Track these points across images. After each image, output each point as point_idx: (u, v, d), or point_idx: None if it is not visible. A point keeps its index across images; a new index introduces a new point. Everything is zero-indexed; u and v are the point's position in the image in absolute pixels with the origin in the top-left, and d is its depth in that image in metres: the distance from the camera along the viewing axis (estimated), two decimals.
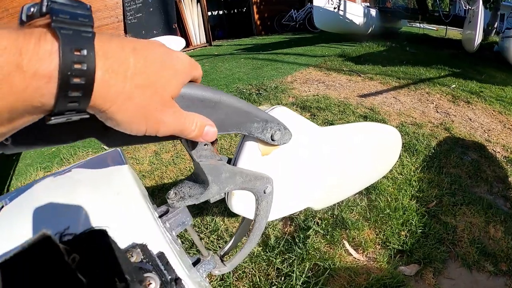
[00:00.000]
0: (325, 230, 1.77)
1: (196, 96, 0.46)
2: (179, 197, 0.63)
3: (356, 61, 5.59)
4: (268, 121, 0.63)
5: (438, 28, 11.25)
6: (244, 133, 0.60)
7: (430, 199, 2.04)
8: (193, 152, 0.57)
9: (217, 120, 0.51)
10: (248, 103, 0.58)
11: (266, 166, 0.73)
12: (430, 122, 3.20)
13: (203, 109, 0.48)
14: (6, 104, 0.24)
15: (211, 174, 0.60)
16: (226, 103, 0.52)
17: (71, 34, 0.26)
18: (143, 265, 0.40)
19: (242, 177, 0.67)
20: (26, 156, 3.69)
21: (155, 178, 2.48)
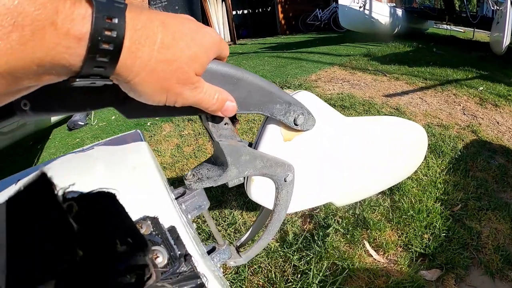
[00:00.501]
0: (346, 229, 1.72)
1: (219, 71, 0.45)
2: (196, 178, 0.61)
3: (382, 61, 5.47)
4: (292, 103, 0.60)
5: (466, 30, 10.89)
6: (266, 114, 0.58)
7: (455, 203, 1.96)
8: (213, 130, 0.54)
9: (238, 98, 0.50)
10: (271, 83, 0.56)
11: (287, 152, 0.70)
12: (456, 124, 3.09)
13: (225, 85, 0.47)
14: (36, 57, 0.25)
15: (231, 156, 0.58)
16: (248, 81, 0.50)
17: (105, 2, 0.27)
18: (152, 237, 0.38)
19: (263, 162, 0.64)
20: (50, 145, 3.80)
21: (176, 170, 2.49)
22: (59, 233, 0.22)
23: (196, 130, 3.19)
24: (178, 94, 0.36)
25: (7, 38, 0.23)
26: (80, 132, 3.99)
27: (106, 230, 0.27)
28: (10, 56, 0.23)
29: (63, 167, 0.52)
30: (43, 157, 3.48)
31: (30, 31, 0.23)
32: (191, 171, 0.62)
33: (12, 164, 3.49)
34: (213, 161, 0.64)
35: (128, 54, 0.29)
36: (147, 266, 0.29)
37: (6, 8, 0.22)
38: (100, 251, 0.24)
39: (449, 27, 10.35)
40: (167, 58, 0.32)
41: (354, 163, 0.86)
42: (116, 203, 0.30)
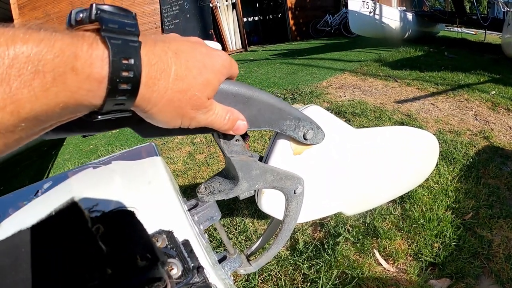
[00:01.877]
0: (356, 237, 1.73)
1: (230, 92, 0.47)
2: (209, 192, 0.63)
3: (393, 66, 5.44)
4: (301, 119, 0.62)
5: (477, 32, 10.75)
6: (276, 131, 0.60)
7: (466, 211, 1.94)
8: (225, 147, 0.57)
9: (249, 116, 0.51)
10: (281, 100, 0.58)
11: (297, 165, 0.72)
12: (468, 130, 3.06)
13: (236, 104, 0.48)
14: (59, 101, 0.26)
15: (242, 170, 0.60)
16: (259, 99, 0.52)
17: (120, 43, 0.28)
18: (167, 250, 0.40)
19: (273, 175, 0.66)
20: (64, 151, 3.87)
21: (188, 177, 2.52)
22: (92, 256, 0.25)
23: (208, 138, 3.23)
24: (192, 118, 0.38)
25: (30, 86, 0.24)
26: (94, 138, 4.06)
27: (127, 247, 0.29)
28: (34, 102, 0.25)
29: (84, 181, 0.55)
30: (58, 163, 3.55)
31: (52, 78, 0.25)
32: (203, 184, 0.64)
33: (27, 169, 3.57)
34: (224, 175, 0.66)
35: (145, 89, 0.31)
36: (163, 278, 0.31)
37: (26, 57, 0.23)
38: (123, 267, 0.27)
39: (460, 30, 10.24)
40: (182, 88, 0.34)
41: (364, 173, 0.87)
42: (135, 220, 0.32)
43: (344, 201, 0.90)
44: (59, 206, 0.26)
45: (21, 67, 0.24)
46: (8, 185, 3.18)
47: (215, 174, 0.68)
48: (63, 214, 0.26)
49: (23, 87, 0.24)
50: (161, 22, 9.32)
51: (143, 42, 0.31)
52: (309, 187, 0.75)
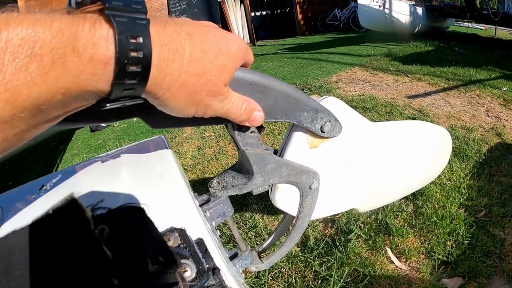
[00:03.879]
0: (368, 235, 1.69)
1: (246, 80, 0.45)
2: (221, 186, 0.60)
3: (403, 61, 5.36)
4: (319, 110, 0.59)
5: (487, 28, 10.57)
6: (293, 122, 0.57)
7: (479, 209, 1.90)
8: (239, 139, 0.54)
9: (265, 106, 0.49)
10: (298, 90, 0.55)
11: (313, 159, 0.69)
12: (480, 126, 3.00)
13: (252, 94, 0.46)
14: (60, 87, 0.24)
15: (256, 164, 0.57)
16: (276, 89, 0.50)
17: (126, 21, 0.26)
18: (180, 250, 0.37)
19: (288, 170, 0.64)
20: (73, 146, 3.89)
21: (197, 172, 2.50)
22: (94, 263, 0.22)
23: (216, 132, 3.21)
24: (208, 106, 0.35)
25: (26, 70, 0.22)
26: (102, 133, 4.07)
27: (137, 249, 0.26)
28: (31, 88, 0.22)
29: (91, 175, 0.53)
30: (66, 158, 3.56)
31: (50, 60, 0.22)
32: (216, 178, 0.61)
33: (35, 164, 3.59)
34: (238, 169, 0.63)
35: (157, 72, 0.28)
36: (177, 283, 0.28)
37: (20, 39, 0.21)
38: (132, 274, 0.24)
39: (470, 25, 10.08)
40: (197, 71, 0.31)
41: (379, 169, 0.84)
42: (145, 218, 0.30)
43: (358, 197, 0.88)
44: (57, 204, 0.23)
45: (15, 51, 0.21)
46: (16, 181, 3.19)
47: (228, 168, 0.65)
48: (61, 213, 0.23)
49: (19, 72, 0.21)
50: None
51: (152, 21, 0.28)
52: (323, 182, 0.73)
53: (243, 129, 0.54)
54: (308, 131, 0.65)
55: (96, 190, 0.46)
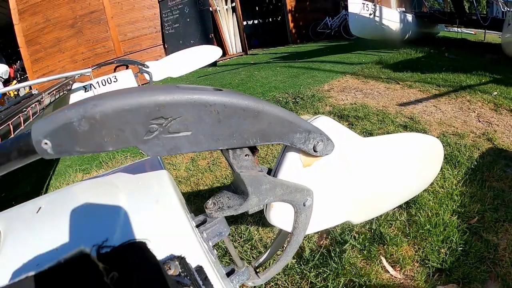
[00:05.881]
0: (362, 244, 1.71)
1: (239, 106, 0.46)
2: (217, 208, 0.61)
3: (394, 68, 5.43)
4: (311, 131, 0.61)
5: (477, 32, 10.73)
6: (286, 144, 0.58)
7: (472, 215, 1.92)
8: (234, 162, 0.55)
9: (259, 130, 0.50)
10: (291, 113, 0.57)
11: (306, 177, 0.71)
12: (472, 132, 3.04)
13: (245, 119, 0.48)
14: None
15: (251, 185, 0.58)
16: (269, 113, 0.51)
17: None
18: (181, 279, 0.38)
19: (283, 189, 0.65)
20: (66, 158, 3.85)
21: (191, 184, 2.50)
22: None
23: None
24: None
25: None
26: None
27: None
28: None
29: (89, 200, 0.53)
30: (59, 170, 3.53)
31: None
32: (211, 199, 0.63)
33: (28, 176, 3.55)
34: (233, 189, 0.64)
35: None
36: None
37: None
38: None
39: (459, 30, 10.23)
40: None
41: (371, 182, 0.86)
42: (147, 254, 0.31)
43: (352, 210, 0.89)
44: (68, 255, 0.24)
45: None
46: (9, 192, 3.16)
47: (223, 188, 0.66)
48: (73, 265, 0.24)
49: None
50: (161, 26, 9.34)
51: None
52: (317, 197, 0.74)
53: (238, 152, 0.55)
54: (301, 151, 0.66)
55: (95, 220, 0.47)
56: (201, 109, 0.43)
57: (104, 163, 3.29)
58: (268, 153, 2.83)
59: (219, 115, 0.45)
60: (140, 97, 0.39)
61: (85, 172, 3.22)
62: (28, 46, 8.26)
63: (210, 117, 0.44)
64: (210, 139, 0.46)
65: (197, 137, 0.45)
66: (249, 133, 0.50)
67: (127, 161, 3.26)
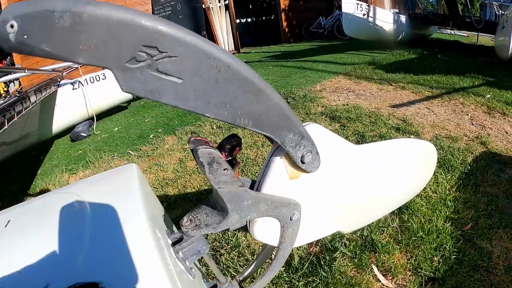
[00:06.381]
0: (353, 252, 1.66)
1: (243, 74, 0.42)
2: (194, 225, 0.56)
3: (387, 69, 5.41)
4: (304, 137, 0.57)
5: (469, 35, 10.82)
6: (277, 141, 0.53)
7: (466, 221, 1.89)
8: (211, 178, 0.49)
9: (255, 112, 0.46)
10: (291, 109, 0.52)
11: (293, 190, 0.67)
12: (465, 135, 3.01)
13: (245, 93, 0.43)
14: None
15: (231, 202, 0.53)
16: (270, 97, 0.47)
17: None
18: None
19: (267, 204, 0.60)
20: (53, 157, 3.80)
21: (178, 186, 2.43)
22: None
23: None
24: None
25: None
26: (83, 143, 3.97)
27: None
28: None
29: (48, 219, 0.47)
30: (45, 170, 3.46)
31: None
32: (187, 216, 0.57)
33: (15, 176, 3.46)
34: (212, 204, 0.59)
35: None
36: None
37: None
38: None
39: (453, 32, 10.30)
40: None
41: (364, 190, 0.82)
42: None
43: (343, 220, 0.84)
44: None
45: None
46: None
47: (201, 203, 0.60)
48: None
49: None
50: None
51: None
52: (306, 209, 0.69)
53: (215, 167, 0.49)
54: (287, 161, 0.62)
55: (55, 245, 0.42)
56: (203, 58, 0.37)
57: (91, 163, 3.21)
58: (258, 155, 2.77)
59: (219, 74, 0.39)
60: (143, 16, 0.33)
61: (72, 173, 3.14)
62: None
63: (209, 72, 0.39)
64: (200, 98, 0.40)
65: (186, 89, 0.38)
66: (244, 110, 0.45)
67: (114, 161, 3.17)
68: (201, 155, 0.49)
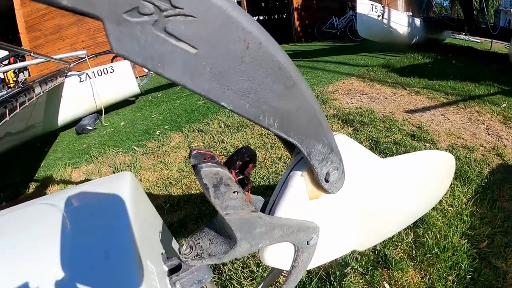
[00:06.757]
0: (365, 268, 1.56)
1: (276, 58, 0.33)
2: (195, 254, 0.47)
3: (401, 73, 5.28)
4: (333, 151, 0.47)
5: (483, 41, 10.63)
6: (303, 151, 0.43)
7: (482, 238, 1.78)
8: (217, 203, 0.40)
9: (282, 109, 0.37)
10: (323, 112, 0.43)
11: (312, 211, 0.57)
12: (481, 145, 2.89)
13: (275, 83, 0.34)
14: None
15: (241, 231, 0.44)
16: (304, 94, 0.38)
17: None
18: None
19: (283, 230, 0.51)
20: (57, 149, 3.75)
21: (182, 187, 2.35)
22: None
23: (206, 143, 3.06)
24: None
25: None
26: (88, 137, 3.91)
27: None
28: None
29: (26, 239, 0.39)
30: (49, 162, 3.41)
31: None
32: (187, 241, 0.48)
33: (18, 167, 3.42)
34: (217, 228, 0.49)
35: None
36: None
37: None
38: None
39: (466, 38, 10.12)
40: None
41: (385, 207, 0.75)
42: None
43: (360, 239, 0.77)
44: None
45: None
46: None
47: (204, 225, 0.51)
48: None
49: None
50: None
51: None
52: (323, 230, 0.61)
53: (221, 190, 0.40)
54: (309, 178, 0.52)
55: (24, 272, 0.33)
56: (229, 27, 0.27)
57: (95, 158, 3.14)
58: (267, 157, 2.67)
59: (247, 51, 0.30)
60: None
61: (75, 167, 3.07)
62: (29, 32, 8.07)
63: (234, 46, 0.29)
64: (216, 79, 0.30)
65: (200, 64, 0.28)
66: (270, 105, 0.35)
67: (118, 156, 3.10)
68: (205, 175, 0.38)
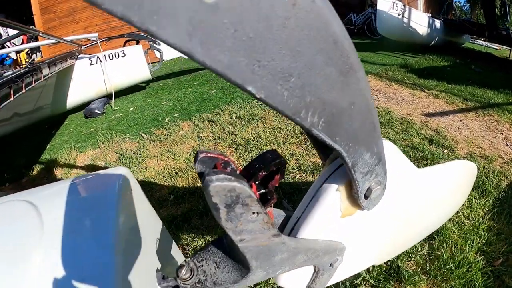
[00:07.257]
0: (376, 279, 1.47)
1: (332, 29, 0.26)
2: (196, 281, 0.38)
3: (419, 74, 5.14)
4: (381, 161, 0.40)
5: (501, 48, 10.33)
6: (347, 161, 0.35)
7: (497, 255, 1.69)
8: (229, 226, 0.30)
9: (333, 106, 0.28)
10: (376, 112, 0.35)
11: (342, 230, 0.48)
12: (499, 156, 2.77)
13: (328, 65, 0.26)
14: None
15: (258, 259, 0.34)
16: (361, 82, 0.29)
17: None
18: None
19: (307, 255, 0.41)
20: (64, 132, 3.72)
21: (188, 178, 2.26)
22: None
23: (216, 133, 2.97)
24: None
25: None
26: (96, 121, 3.86)
27: None
28: None
29: None
30: (55, 144, 3.36)
31: None
32: (188, 262, 0.39)
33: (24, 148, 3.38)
34: (225, 249, 0.40)
35: None
36: None
37: None
38: None
39: (485, 43, 9.84)
40: None
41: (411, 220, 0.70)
42: None
43: (381, 254, 0.72)
44: None
45: None
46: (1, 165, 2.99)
47: (209, 243, 0.41)
48: None
49: None
50: None
51: None
52: (349, 249, 0.55)
53: (236, 211, 0.30)
54: (345, 192, 0.42)
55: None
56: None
57: (101, 143, 3.07)
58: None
59: (293, 11, 0.21)
60: None
61: (80, 151, 3.02)
62: (43, 14, 7.99)
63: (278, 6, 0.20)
64: (242, 48, 0.20)
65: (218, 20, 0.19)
66: (318, 96, 0.26)
67: (125, 143, 3.03)
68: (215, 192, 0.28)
